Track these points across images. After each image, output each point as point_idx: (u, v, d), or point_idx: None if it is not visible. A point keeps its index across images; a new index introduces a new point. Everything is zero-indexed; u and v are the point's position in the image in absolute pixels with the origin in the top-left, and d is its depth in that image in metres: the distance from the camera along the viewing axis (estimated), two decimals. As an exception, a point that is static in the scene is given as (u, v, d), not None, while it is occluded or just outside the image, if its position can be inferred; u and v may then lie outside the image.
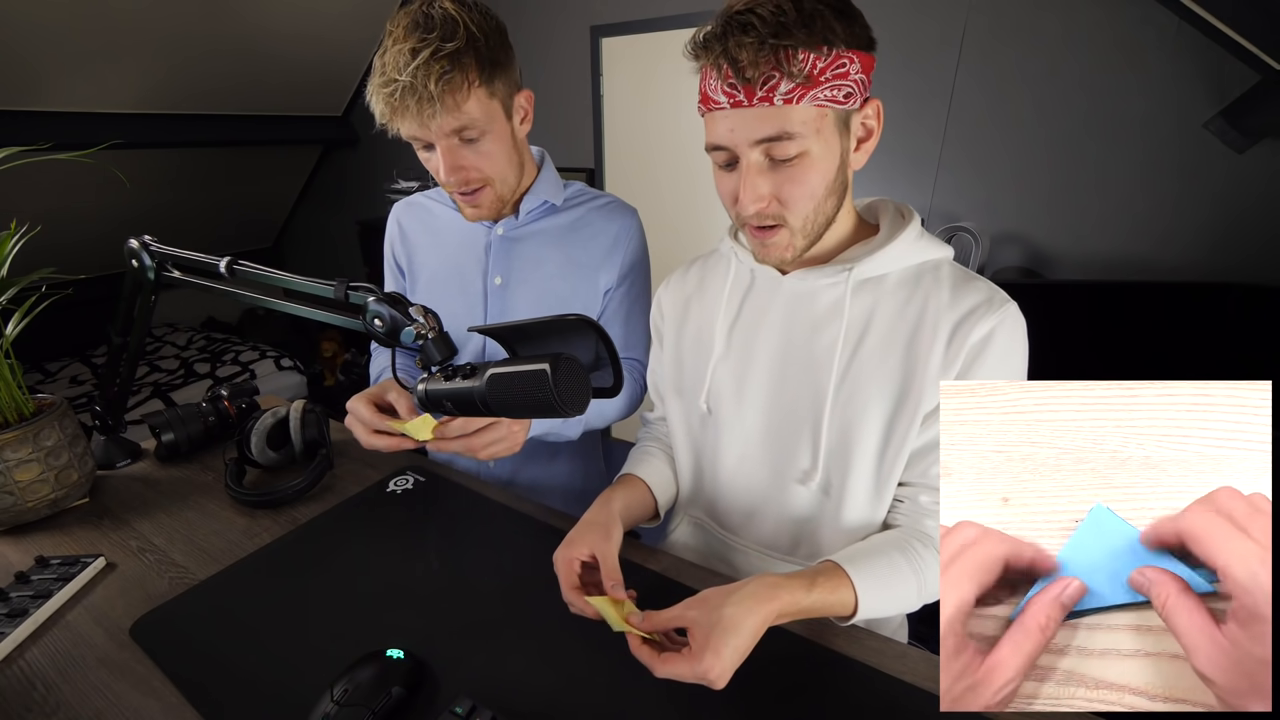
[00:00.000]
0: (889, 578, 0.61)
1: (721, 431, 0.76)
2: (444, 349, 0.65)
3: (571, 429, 0.94)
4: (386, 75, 0.73)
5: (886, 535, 0.67)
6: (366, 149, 3.35)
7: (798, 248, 0.65)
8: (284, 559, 0.76)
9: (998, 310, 0.62)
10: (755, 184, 0.61)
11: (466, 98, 0.75)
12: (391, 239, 1.04)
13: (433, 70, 0.71)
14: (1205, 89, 1.53)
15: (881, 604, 0.59)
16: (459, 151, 0.80)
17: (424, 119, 0.74)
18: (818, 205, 0.62)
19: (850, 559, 0.61)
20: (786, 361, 0.71)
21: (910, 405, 0.64)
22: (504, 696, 0.56)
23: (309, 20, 2.59)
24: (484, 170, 0.82)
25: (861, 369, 0.66)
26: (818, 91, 0.56)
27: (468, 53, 0.74)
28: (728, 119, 0.59)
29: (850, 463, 0.67)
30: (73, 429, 0.84)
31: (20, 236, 0.80)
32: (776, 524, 0.75)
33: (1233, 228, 1.59)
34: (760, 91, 0.56)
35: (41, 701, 0.56)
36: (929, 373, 0.63)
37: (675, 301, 0.83)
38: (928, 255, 0.67)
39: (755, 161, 0.60)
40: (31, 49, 2.01)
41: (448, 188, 0.83)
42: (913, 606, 0.64)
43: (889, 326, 0.65)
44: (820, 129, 0.58)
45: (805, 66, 0.55)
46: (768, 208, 0.62)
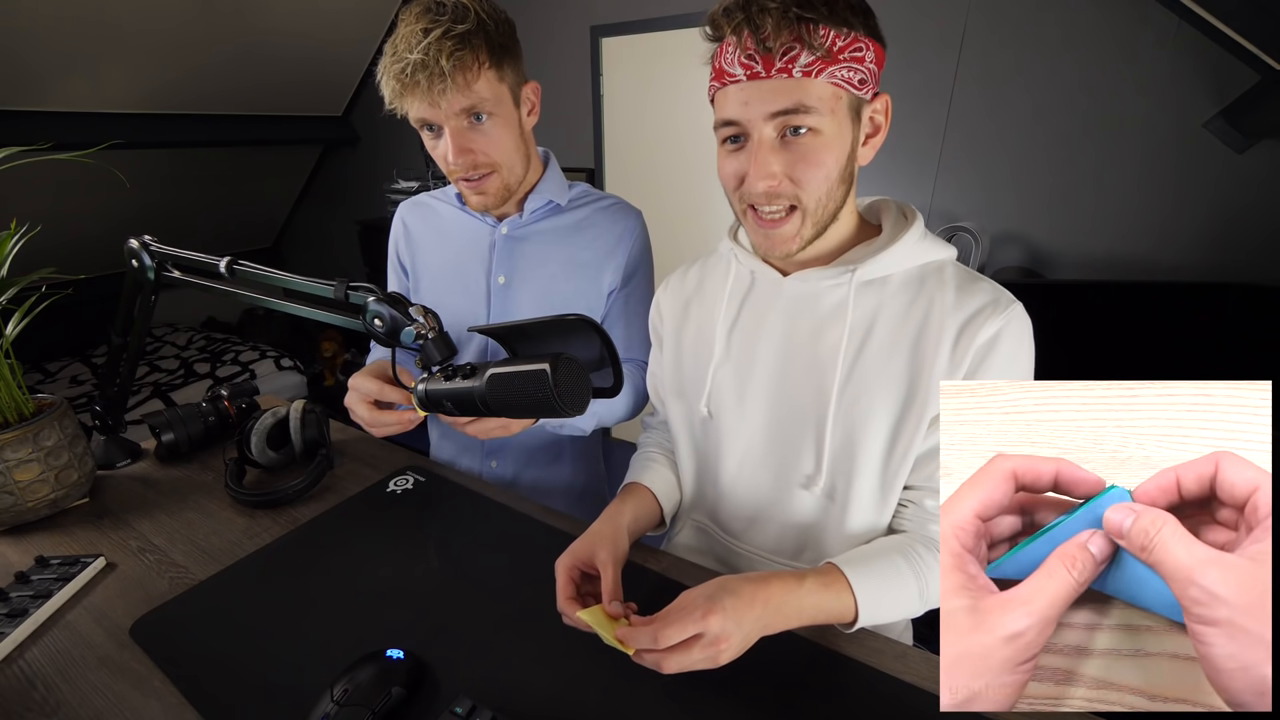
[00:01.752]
0: (889, 580, 0.60)
1: (723, 436, 0.75)
2: (444, 349, 0.65)
3: (585, 421, 0.93)
4: (398, 54, 0.74)
5: (889, 539, 0.66)
6: (366, 149, 3.35)
7: (805, 237, 0.64)
8: (284, 559, 0.76)
9: (1004, 311, 0.61)
10: (766, 160, 0.59)
11: (477, 77, 0.76)
12: (396, 238, 1.04)
13: (444, 47, 0.73)
14: (1205, 89, 1.53)
15: (882, 607, 0.59)
16: (467, 134, 0.80)
17: (434, 95, 0.75)
18: (831, 188, 0.61)
19: (848, 561, 0.61)
20: (788, 364, 0.70)
21: (916, 408, 0.63)
22: (504, 696, 0.56)
23: (309, 20, 2.59)
24: (491, 154, 0.82)
25: (866, 372, 0.65)
26: (835, 69, 0.56)
27: (478, 34, 0.76)
28: (743, 91, 0.58)
29: (855, 467, 0.67)
30: (73, 429, 0.84)
31: (20, 236, 0.80)
32: (780, 529, 0.74)
33: (1232, 227, 1.59)
34: (779, 62, 0.55)
35: (41, 701, 0.56)
36: (935, 375, 0.62)
37: (674, 303, 0.82)
38: (931, 256, 0.66)
39: (768, 137, 0.59)
40: (31, 49, 2.01)
41: (454, 173, 0.83)
42: (916, 611, 0.63)
43: (893, 328, 0.65)
44: (835, 110, 0.58)
45: (826, 41, 0.55)
46: (779, 186, 0.60)
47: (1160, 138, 1.61)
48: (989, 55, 1.77)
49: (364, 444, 1.04)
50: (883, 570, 0.61)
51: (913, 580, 0.61)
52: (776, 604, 0.55)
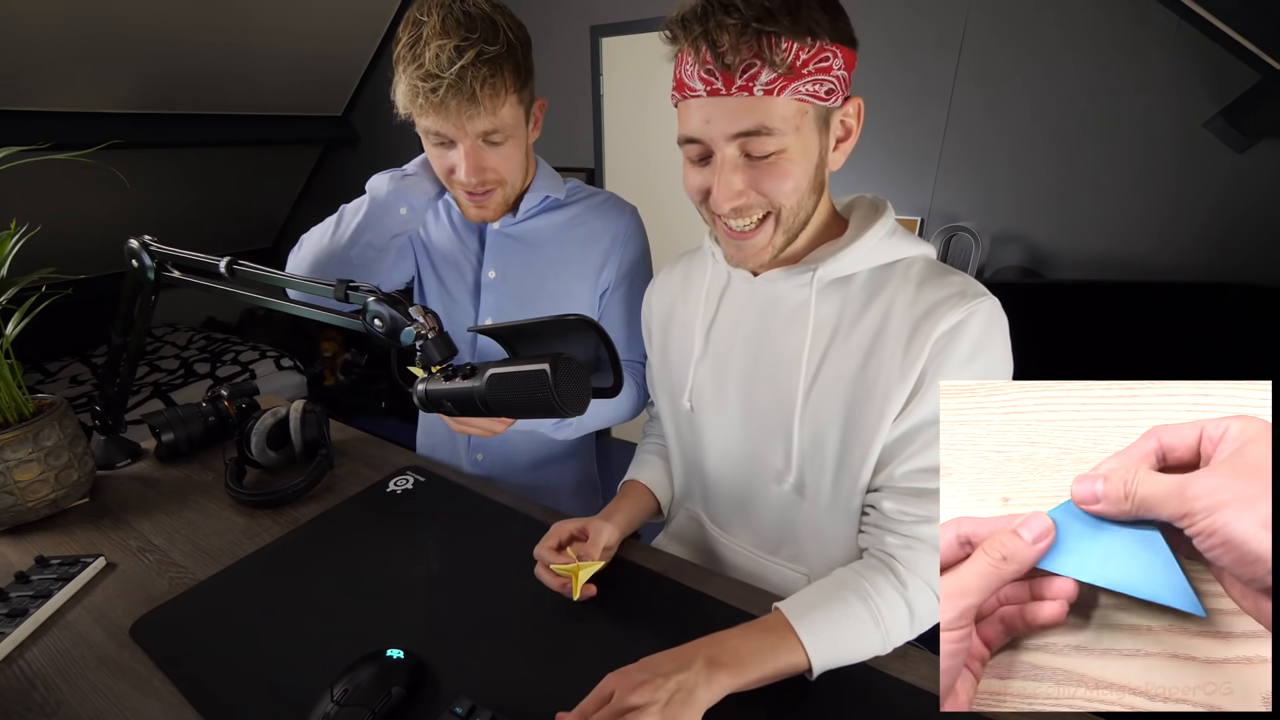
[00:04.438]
0: (843, 629, 0.56)
1: (705, 430, 0.77)
2: (444, 349, 0.65)
3: (561, 431, 0.93)
4: (427, 70, 0.72)
5: (842, 576, 0.61)
6: (366, 149, 3.35)
7: (777, 245, 0.63)
8: (284, 559, 0.76)
9: (968, 303, 0.58)
10: (730, 180, 0.58)
11: (503, 103, 0.76)
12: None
13: (479, 74, 0.72)
14: (1205, 89, 1.53)
15: (838, 655, 0.56)
16: (483, 153, 0.80)
17: (461, 119, 0.75)
18: (801, 198, 0.60)
19: (800, 612, 0.57)
20: (759, 363, 0.70)
21: (874, 409, 0.61)
22: (504, 696, 0.56)
23: (309, 20, 2.59)
24: (501, 172, 0.83)
25: (829, 372, 0.64)
26: (799, 85, 0.53)
27: (508, 59, 0.75)
28: (704, 108, 0.56)
29: (821, 465, 0.66)
30: (73, 429, 0.84)
31: (20, 236, 0.80)
32: (761, 523, 0.75)
33: (1232, 227, 1.59)
34: (740, 80, 0.53)
35: (41, 701, 0.56)
36: (892, 375, 0.60)
37: (661, 300, 0.83)
38: (900, 253, 0.64)
39: (730, 156, 0.57)
40: (32, 49, 2.01)
41: (465, 186, 0.82)
42: (879, 652, 0.58)
43: (853, 328, 0.63)
44: (800, 126, 0.56)
45: (788, 56, 0.52)
46: (747, 201, 0.59)
47: (1160, 137, 1.61)
48: (989, 55, 1.76)
49: (364, 444, 1.04)
50: (837, 619, 0.57)
51: (873, 628, 0.57)
52: (711, 639, 0.55)
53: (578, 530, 0.71)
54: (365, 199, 0.88)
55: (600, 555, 0.68)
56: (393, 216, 0.87)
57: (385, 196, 0.87)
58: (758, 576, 0.76)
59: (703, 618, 0.64)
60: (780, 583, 0.74)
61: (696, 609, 0.67)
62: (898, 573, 0.59)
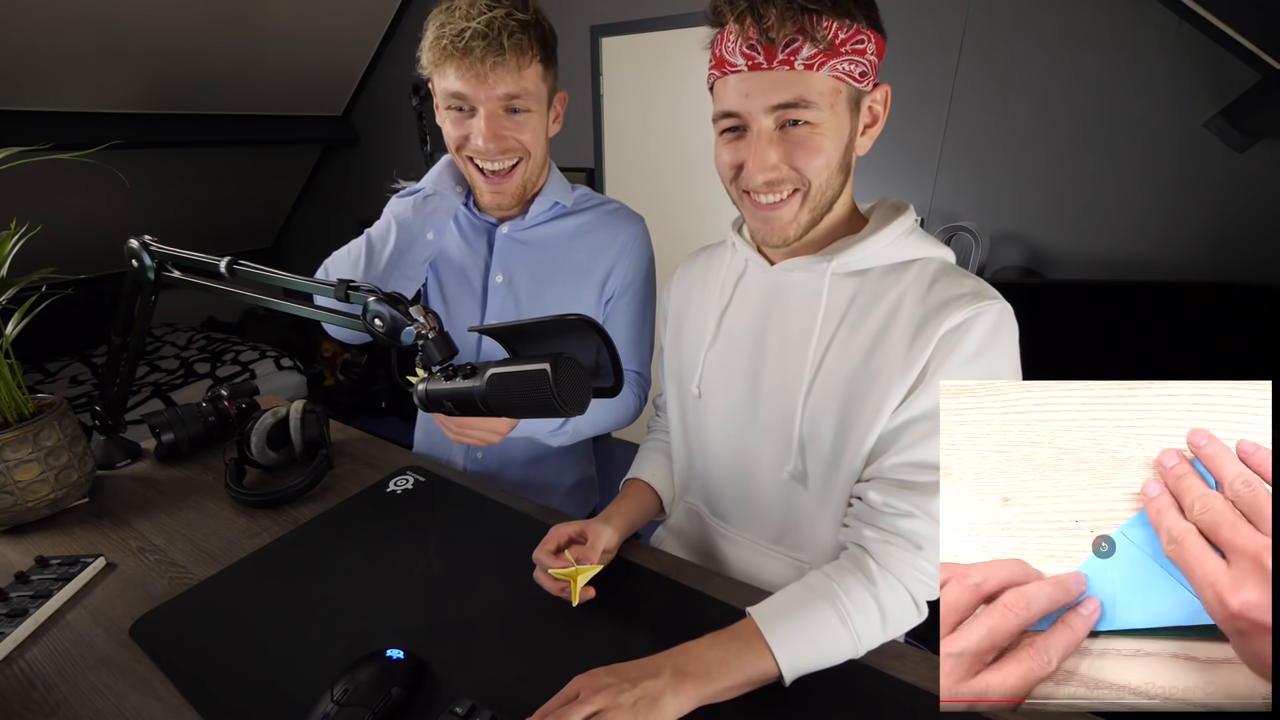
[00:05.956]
0: (812, 634, 0.56)
1: (710, 416, 0.77)
2: (444, 349, 0.65)
3: (556, 438, 0.93)
4: (455, 21, 0.73)
5: (812, 580, 0.60)
6: (366, 149, 3.35)
7: (802, 223, 0.64)
8: (284, 559, 0.76)
9: (977, 303, 0.58)
10: (765, 153, 0.60)
11: (528, 65, 0.77)
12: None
13: (508, 26, 0.73)
14: (1205, 89, 1.53)
15: (808, 661, 0.56)
16: (502, 120, 0.80)
17: (484, 69, 0.74)
18: (830, 175, 0.61)
19: (769, 619, 0.57)
20: (766, 350, 0.71)
21: (874, 400, 0.61)
22: (504, 696, 0.56)
23: (309, 20, 2.59)
24: (523, 141, 0.82)
25: (834, 361, 0.65)
26: (837, 62, 0.56)
27: (536, 28, 0.77)
28: (743, 82, 0.58)
29: (822, 455, 0.67)
30: (73, 429, 0.84)
31: (20, 236, 0.80)
32: (763, 511, 0.75)
33: (1232, 227, 1.59)
34: (781, 54, 0.55)
35: (41, 701, 0.56)
36: (894, 367, 0.60)
37: (680, 288, 0.84)
38: (918, 253, 0.64)
39: (766, 129, 0.59)
40: (32, 49, 2.01)
41: (483, 155, 0.82)
42: (852, 655, 0.58)
43: (862, 320, 0.64)
44: (834, 104, 0.58)
45: (829, 34, 0.55)
46: (779, 175, 0.61)
47: (1160, 137, 1.61)
48: (989, 55, 1.76)
49: (364, 444, 1.04)
50: (807, 624, 0.56)
51: (843, 633, 0.57)
52: (680, 649, 0.55)
53: (576, 533, 0.71)
54: (392, 227, 0.87)
55: (599, 559, 0.68)
56: (421, 244, 0.88)
57: (414, 225, 0.87)
58: (759, 567, 0.76)
59: (703, 618, 0.64)
60: (782, 572, 0.74)
61: (697, 609, 0.67)
62: (869, 569, 0.59)
